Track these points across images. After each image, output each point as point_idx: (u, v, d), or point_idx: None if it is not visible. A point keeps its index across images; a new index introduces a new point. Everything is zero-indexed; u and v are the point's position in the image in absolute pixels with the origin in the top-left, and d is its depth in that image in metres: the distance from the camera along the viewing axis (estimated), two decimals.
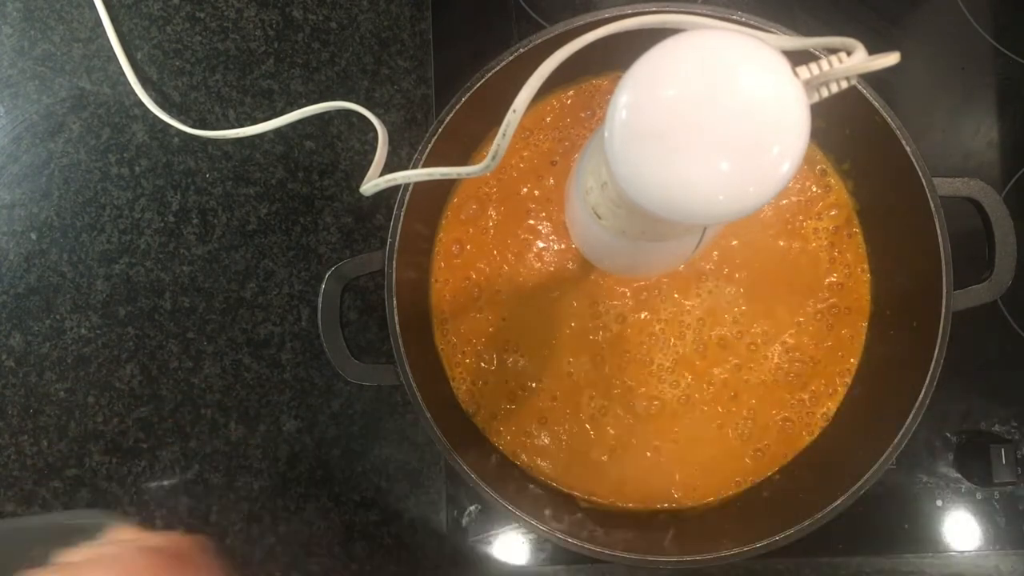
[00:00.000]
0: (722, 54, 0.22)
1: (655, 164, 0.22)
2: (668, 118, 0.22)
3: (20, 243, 0.59)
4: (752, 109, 0.22)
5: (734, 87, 0.22)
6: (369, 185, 0.38)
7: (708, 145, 0.22)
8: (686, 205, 0.22)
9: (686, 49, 0.23)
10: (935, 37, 0.60)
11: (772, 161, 0.22)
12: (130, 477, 0.57)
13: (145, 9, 0.61)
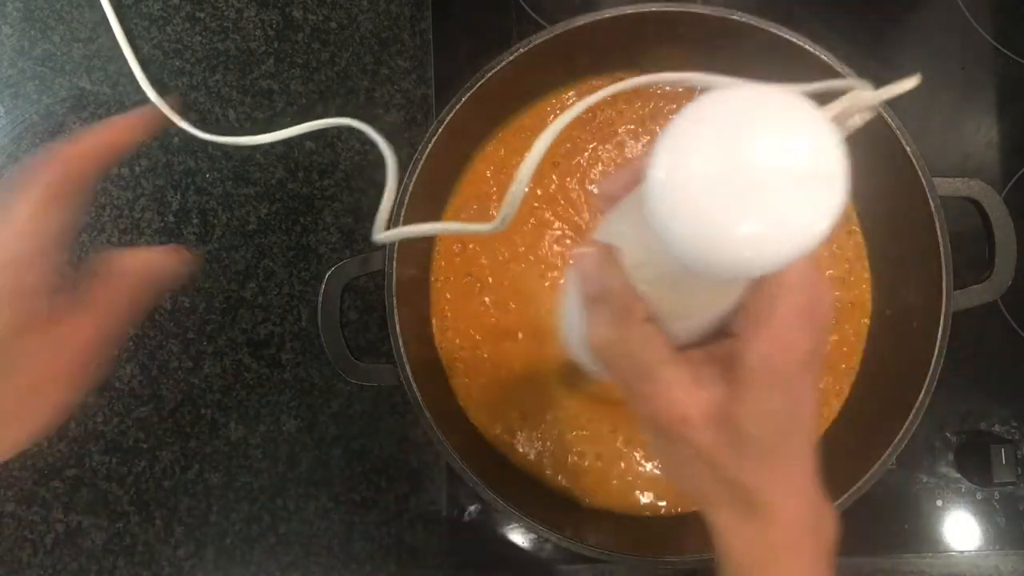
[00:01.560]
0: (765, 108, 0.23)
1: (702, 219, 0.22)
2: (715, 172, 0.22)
3: None
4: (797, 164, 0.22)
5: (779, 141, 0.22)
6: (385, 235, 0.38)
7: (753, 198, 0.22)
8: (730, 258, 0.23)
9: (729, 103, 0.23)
10: (935, 37, 0.60)
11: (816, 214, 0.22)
12: (130, 477, 0.57)
13: (145, 9, 0.61)
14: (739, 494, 0.29)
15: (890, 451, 0.46)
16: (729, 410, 0.27)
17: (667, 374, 0.28)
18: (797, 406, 0.28)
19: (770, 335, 0.26)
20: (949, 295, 0.46)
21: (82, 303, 0.33)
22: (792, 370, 0.27)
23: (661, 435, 0.30)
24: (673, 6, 0.48)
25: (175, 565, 0.57)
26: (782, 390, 0.27)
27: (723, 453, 0.28)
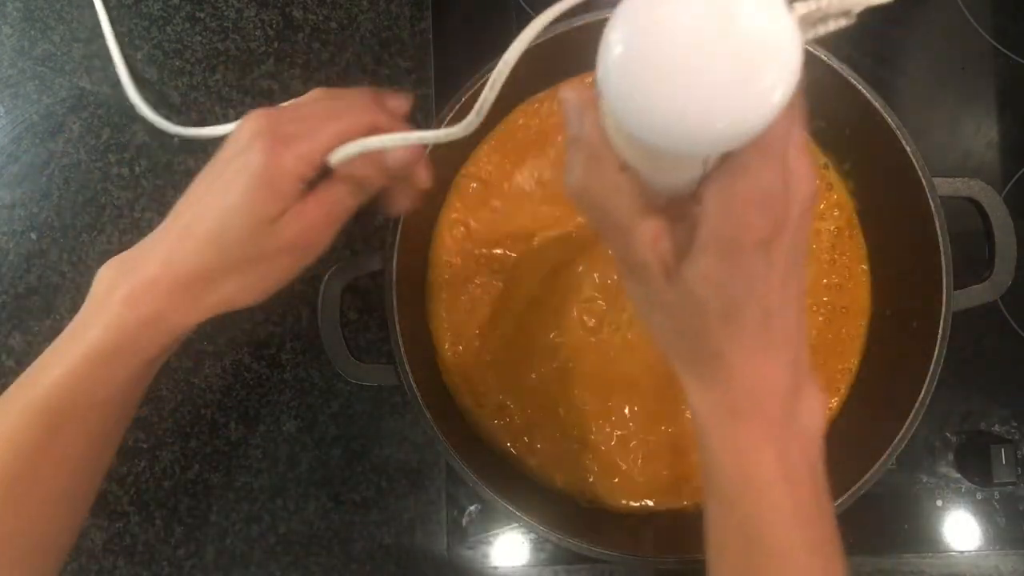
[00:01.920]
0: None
1: (651, 94, 0.23)
2: (662, 49, 0.23)
3: (20, 243, 0.59)
4: (745, 40, 0.22)
5: (727, 17, 0.22)
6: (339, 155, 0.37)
7: (702, 74, 0.22)
8: (681, 133, 0.23)
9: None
10: (935, 37, 0.60)
11: (764, 90, 0.23)
12: (130, 477, 0.57)
13: (145, 9, 0.61)
14: (697, 351, 0.30)
15: (890, 451, 0.46)
16: (682, 270, 0.28)
17: (631, 223, 0.29)
18: (752, 281, 0.28)
19: (724, 209, 0.27)
20: (949, 295, 0.46)
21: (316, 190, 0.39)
22: (745, 246, 0.27)
23: (626, 275, 0.31)
24: None
25: (175, 565, 0.57)
26: (731, 263, 0.28)
27: (681, 308, 0.29)
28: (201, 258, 0.37)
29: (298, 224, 0.38)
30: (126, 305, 0.37)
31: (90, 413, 0.38)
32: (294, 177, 0.37)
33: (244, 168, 0.37)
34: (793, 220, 0.28)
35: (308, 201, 0.38)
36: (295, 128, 0.37)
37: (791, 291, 0.29)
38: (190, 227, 0.38)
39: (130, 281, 0.38)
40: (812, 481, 0.31)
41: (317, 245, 0.40)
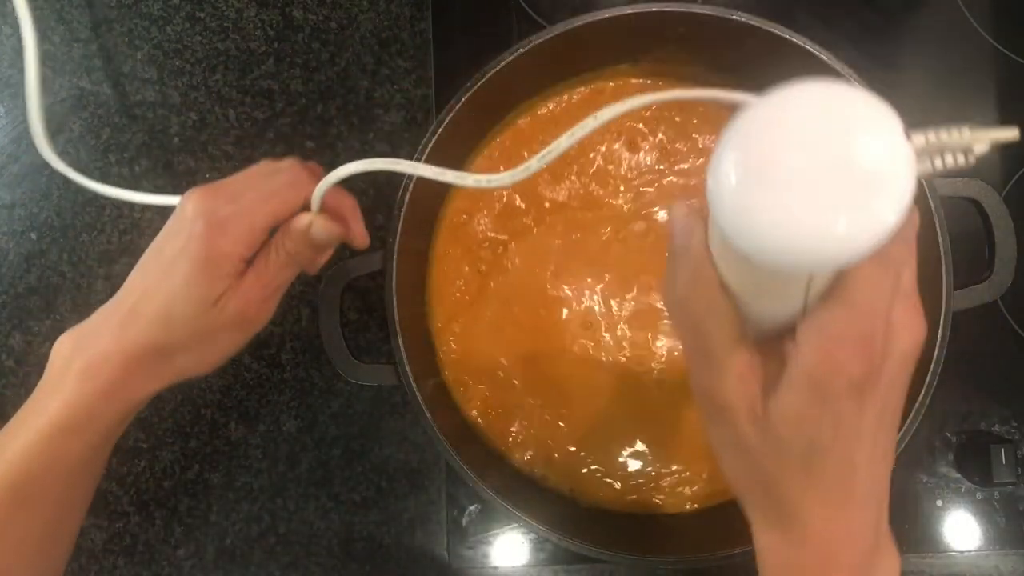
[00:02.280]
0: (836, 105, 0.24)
1: (763, 212, 0.23)
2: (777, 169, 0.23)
3: (20, 243, 0.59)
4: (860, 166, 0.23)
5: (844, 141, 0.23)
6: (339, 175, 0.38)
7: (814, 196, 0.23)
8: (788, 249, 0.23)
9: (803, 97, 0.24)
10: (935, 37, 0.60)
11: (874, 215, 0.23)
12: (130, 477, 0.57)
13: (145, 9, 0.61)
14: (773, 498, 0.29)
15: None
16: (769, 409, 0.27)
17: (723, 353, 0.28)
18: (838, 426, 0.27)
19: (820, 347, 0.26)
20: (949, 295, 0.46)
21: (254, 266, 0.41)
22: (837, 389, 0.26)
23: (708, 414, 0.30)
24: (673, 6, 0.48)
25: (175, 565, 0.57)
26: (821, 404, 0.26)
27: (761, 451, 0.28)
28: (150, 336, 0.39)
29: (240, 303, 0.40)
30: (82, 379, 0.39)
31: (53, 485, 0.39)
32: (233, 260, 0.39)
33: (184, 252, 0.38)
34: (890, 370, 0.27)
35: (247, 279, 0.40)
36: (231, 210, 0.39)
37: (880, 446, 0.28)
38: (138, 306, 0.39)
39: (85, 355, 0.39)
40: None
41: (260, 320, 0.42)
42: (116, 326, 0.39)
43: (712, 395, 0.29)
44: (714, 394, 0.28)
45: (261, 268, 0.41)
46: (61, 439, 0.39)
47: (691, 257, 0.28)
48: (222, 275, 0.39)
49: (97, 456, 0.41)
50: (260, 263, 0.41)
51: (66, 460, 0.39)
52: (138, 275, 0.41)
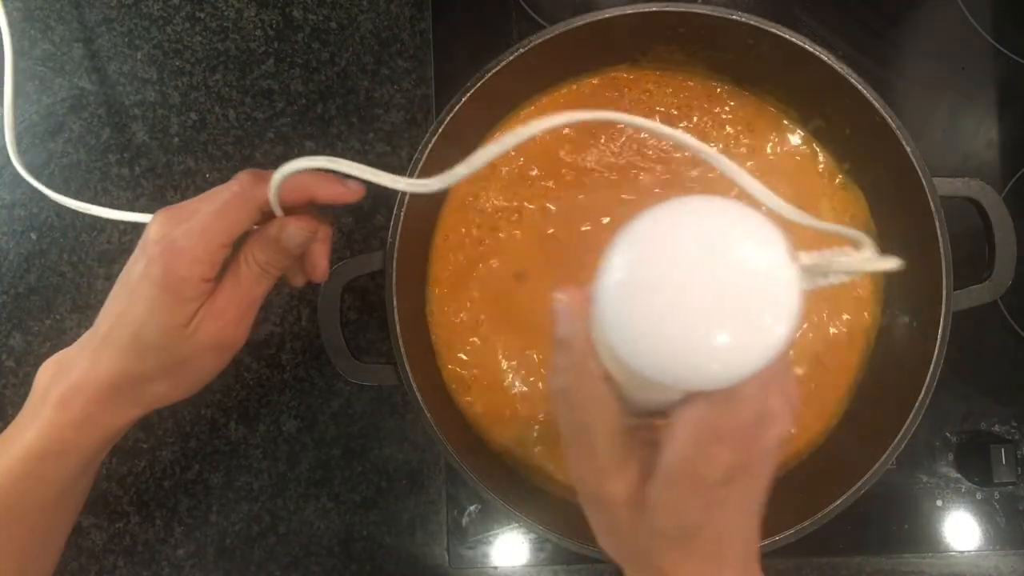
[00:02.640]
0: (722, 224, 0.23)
1: (644, 328, 0.23)
2: (661, 283, 0.22)
3: (20, 243, 0.59)
4: (746, 286, 0.22)
5: (730, 260, 0.22)
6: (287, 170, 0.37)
7: (699, 316, 0.22)
8: (671, 370, 0.23)
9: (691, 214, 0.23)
10: (935, 37, 0.60)
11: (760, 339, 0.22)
12: (130, 477, 0.57)
13: (145, 9, 0.61)
14: (652, 568, 0.30)
15: (890, 451, 0.46)
16: (645, 496, 0.28)
17: (603, 446, 0.28)
18: (710, 509, 0.28)
19: (694, 440, 0.27)
20: (949, 295, 0.46)
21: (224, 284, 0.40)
22: (709, 480, 0.27)
23: (586, 500, 0.30)
24: (673, 6, 0.48)
25: (175, 565, 0.57)
26: (694, 494, 0.28)
27: (638, 533, 0.29)
28: (124, 364, 0.39)
29: (213, 326, 0.39)
30: (59, 408, 0.38)
31: (30, 512, 0.39)
32: (194, 281, 0.38)
33: (145, 277, 0.38)
34: (760, 458, 0.28)
35: (219, 298, 0.39)
36: (184, 230, 0.38)
37: (748, 516, 0.30)
38: (110, 335, 0.39)
39: (62, 384, 0.39)
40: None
41: (237, 340, 0.41)
42: (90, 354, 0.39)
43: (593, 487, 0.29)
44: (595, 486, 0.29)
45: (232, 285, 0.40)
46: (37, 468, 0.38)
47: (574, 350, 0.28)
48: (185, 299, 0.38)
49: (75, 486, 0.41)
50: (230, 280, 0.40)
51: (42, 489, 0.39)
52: (110, 300, 0.40)
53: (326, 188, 0.40)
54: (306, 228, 0.40)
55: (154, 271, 0.37)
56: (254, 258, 0.40)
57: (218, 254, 0.38)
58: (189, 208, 0.39)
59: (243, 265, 0.40)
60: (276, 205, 0.39)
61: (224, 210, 0.38)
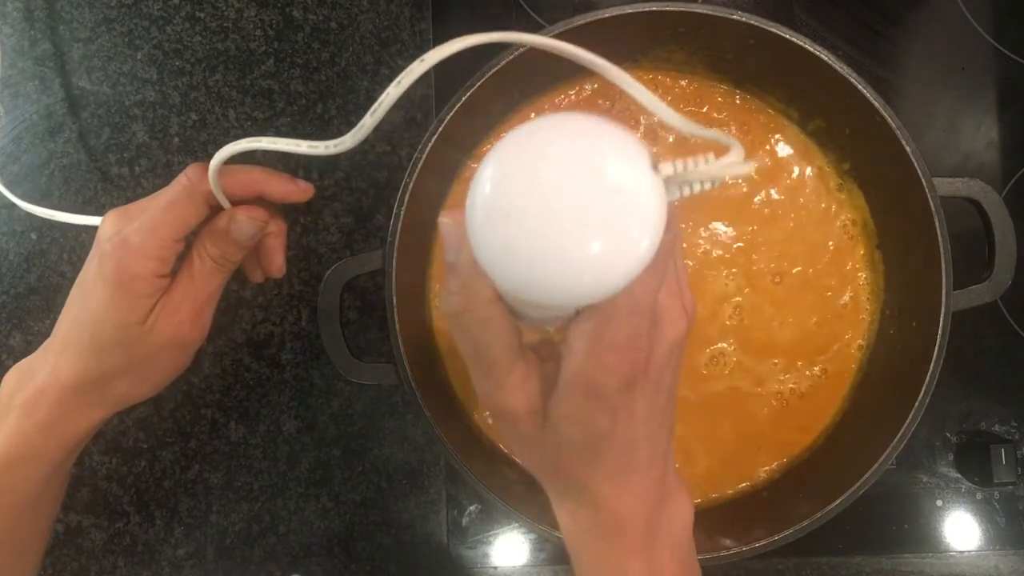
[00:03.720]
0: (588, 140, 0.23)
1: (512, 245, 0.23)
2: (527, 198, 0.22)
3: (20, 243, 0.59)
4: (610, 199, 0.22)
5: (593, 173, 0.22)
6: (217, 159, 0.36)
7: (565, 230, 0.22)
8: (542, 287, 0.23)
9: (552, 131, 0.23)
10: (935, 37, 0.60)
11: (628, 249, 0.23)
12: (130, 477, 0.57)
13: (145, 9, 0.61)
14: (565, 479, 0.31)
15: (890, 451, 0.46)
16: (548, 409, 0.29)
17: (501, 363, 0.29)
18: (615, 418, 0.28)
19: (589, 352, 0.27)
20: (949, 295, 0.46)
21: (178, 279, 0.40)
22: (609, 388, 0.28)
23: (494, 416, 0.31)
24: (673, 6, 0.48)
25: (175, 565, 0.57)
26: (596, 403, 0.28)
27: (547, 445, 0.30)
28: (83, 366, 0.38)
29: (169, 322, 0.39)
30: (23, 414, 0.38)
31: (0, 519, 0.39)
32: (148, 277, 0.38)
33: (99, 276, 0.37)
34: (658, 361, 0.28)
35: (174, 294, 0.39)
36: (134, 227, 0.38)
37: (656, 422, 0.30)
38: (67, 337, 0.39)
39: (25, 389, 0.39)
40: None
41: (196, 335, 0.41)
42: (52, 358, 0.39)
43: (495, 401, 0.30)
44: (497, 400, 0.30)
45: (187, 280, 0.39)
46: (4, 475, 0.38)
47: (462, 272, 0.28)
48: (139, 295, 0.38)
49: (44, 492, 0.40)
50: (184, 275, 0.40)
51: (11, 496, 0.39)
52: (68, 304, 0.40)
53: (275, 185, 0.40)
54: (255, 218, 0.39)
55: (107, 269, 0.37)
56: (207, 252, 0.39)
57: (170, 249, 0.38)
58: (140, 206, 0.39)
59: (196, 260, 0.40)
60: (220, 194, 0.38)
61: (173, 204, 0.38)
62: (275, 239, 0.42)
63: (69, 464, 0.42)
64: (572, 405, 0.28)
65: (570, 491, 0.32)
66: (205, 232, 0.40)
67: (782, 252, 0.53)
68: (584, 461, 0.30)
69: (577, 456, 0.30)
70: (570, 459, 0.30)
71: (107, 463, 0.58)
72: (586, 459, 0.30)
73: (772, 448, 0.52)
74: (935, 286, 0.47)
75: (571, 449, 0.30)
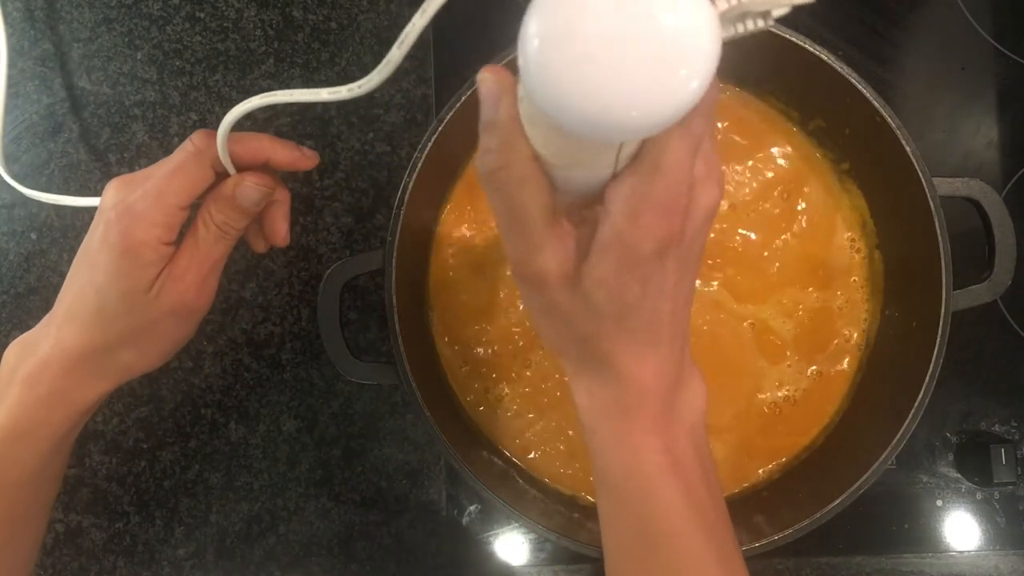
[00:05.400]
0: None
1: (569, 80, 0.23)
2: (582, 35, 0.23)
3: (20, 243, 0.59)
4: (664, 30, 0.23)
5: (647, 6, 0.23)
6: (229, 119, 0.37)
7: (620, 61, 0.23)
8: (596, 118, 0.23)
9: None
10: (935, 37, 0.60)
11: (679, 81, 0.23)
12: (130, 477, 0.57)
13: (145, 9, 0.61)
14: (588, 351, 0.31)
15: (890, 451, 0.46)
16: (581, 274, 0.29)
17: (536, 223, 0.28)
18: (647, 286, 0.28)
19: (627, 212, 0.27)
20: (949, 295, 0.46)
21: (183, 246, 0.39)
22: (644, 252, 0.27)
23: (524, 282, 0.31)
24: None
25: (175, 565, 0.57)
26: (630, 268, 0.28)
27: (575, 313, 0.30)
28: (88, 335, 0.38)
29: (174, 289, 0.39)
30: (25, 386, 0.38)
31: (2, 493, 0.39)
32: (152, 244, 0.37)
33: (104, 244, 0.37)
34: (693, 228, 0.28)
35: (179, 261, 0.39)
36: (139, 193, 0.37)
37: (682, 294, 0.30)
38: (72, 307, 0.39)
39: (28, 362, 0.39)
40: (700, 466, 0.32)
41: (201, 304, 0.41)
42: (55, 329, 0.39)
43: (527, 264, 0.29)
44: (529, 263, 0.29)
45: (191, 247, 0.39)
46: (7, 449, 0.38)
47: (501, 129, 0.28)
48: (145, 263, 0.37)
49: (47, 467, 0.40)
50: (189, 242, 0.39)
51: (14, 470, 0.39)
52: (71, 274, 0.40)
53: (281, 152, 0.40)
54: (261, 184, 0.39)
55: (112, 237, 0.37)
56: (211, 218, 0.39)
57: (175, 216, 0.38)
58: (144, 173, 0.39)
59: (201, 227, 0.39)
60: (226, 159, 0.38)
61: (178, 171, 0.38)
62: (280, 207, 0.42)
63: (72, 438, 0.41)
64: (605, 269, 0.28)
65: (591, 365, 0.31)
66: (210, 198, 0.39)
67: (782, 252, 0.53)
68: (610, 331, 0.30)
69: (604, 325, 0.30)
70: (596, 329, 0.30)
71: (107, 463, 0.58)
72: (612, 329, 0.30)
73: (771, 449, 0.52)
74: (935, 286, 0.47)
75: (598, 317, 0.29)
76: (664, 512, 0.31)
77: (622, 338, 0.30)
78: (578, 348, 0.31)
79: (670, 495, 0.31)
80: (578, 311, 0.30)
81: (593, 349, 0.31)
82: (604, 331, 0.30)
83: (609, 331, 0.30)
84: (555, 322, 0.31)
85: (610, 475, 0.32)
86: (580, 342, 0.31)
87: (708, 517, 0.31)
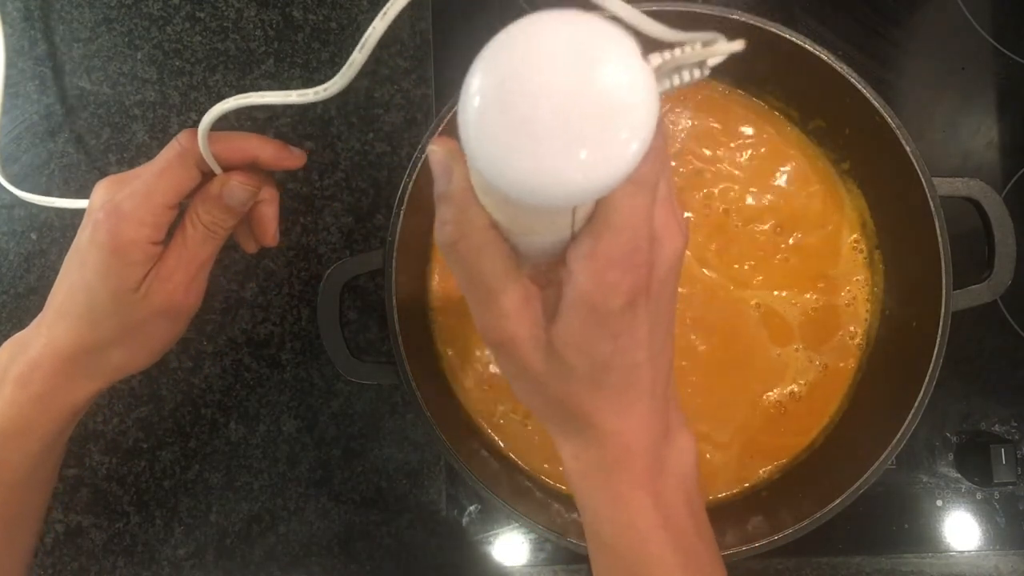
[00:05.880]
0: (574, 37, 0.23)
1: (508, 146, 0.23)
2: (519, 100, 0.23)
3: (20, 243, 0.59)
4: (602, 92, 0.22)
5: (584, 69, 0.22)
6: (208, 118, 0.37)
7: (558, 126, 0.22)
8: (537, 185, 0.23)
9: (538, 32, 0.23)
10: (935, 37, 0.60)
11: (621, 142, 0.23)
12: (130, 477, 0.57)
13: (145, 9, 0.61)
14: (568, 413, 0.30)
15: (890, 451, 0.46)
16: (551, 336, 0.28)
17: (500, 290, 0.28)
18: (618, 341, 0.28)
19: (591, 271, 0.27)
20: (949, 295, 0.46)
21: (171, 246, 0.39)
22: (612, 308, 0.27)
23: (494, 349, 0.30)
24: (672, 6, 0.48)
25: (175, 565, 0.57)
26: (599, 326, 0.28)
27: (550, 375, 0.29)
28: (78, 335, 0.38)
29: (163, 289, 0.39)
30: (18, 386, 0.38)
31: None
32: (141, 244, 0.38)
33: (93, 244, 0.37)
34: (659, 278, 0.28)
35: (167, 261, 0.39)
36: (127, 192, 0.38)
37: (658, 342, 0.29)
38: (62, 307, 0.39)
39: (19, 362, 0.39)
40: (690, 517, 0.32)
41: (189, 303, 0.41)
42: (46, 329, 0.39)
43: (495, 331, 0.29)
44: (497, 330, 0.29)
45: (180, 247, 0.39)
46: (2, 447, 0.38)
47: (455, 200, 0.27)
48: (133, 262, 0.38)
49: (39, 468, 0.40)
50: (177, 241, 0.39)
51: (5, 471, 0.39)
52: (61, 274, 0.40)
53: (268, 150, 0.40)
54: (247, 183, 0.39)
55: (100, 236, 0.37)
56: (199, 218, 0.39)
57: (163, 216, 0.38)
58: (133, 173, 0.39)
59: (189, 226, 0.40)
60: (210, 158, 0.38)
61: (165, 170, 0.38)
62: (268, 207, 0.42)
63: (64, 439, 0.42)
64: (574, 329, 0.28)
65: (572, 426, 0.31)
66: (197, 198, 0.39)
67: (781, 252, 0.53)
68: (588, 391, 0.29)
69: (579, 385, 0.29)
70: (574, 390, 0.29)
71: (107, 463, 0.58)
72: (589, 388, 0.29)
73: (774, 448, 0.52)
74: (935, 286, 0.47)
75: (573, 378, 0.29)
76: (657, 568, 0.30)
77: (600, 396, 0.30)
78: (558, 410, 0.31)
79: (660, 551, 0.30)
80: (553, 373, 0.29)
81: (573, 410, 0.30)
82: (581, 391, 0.30)
83: (586, 390, 0.29)
84: (531, 386, 0.31)
85: (602, 532, 0.32)
86: (558, 404, 0.30)
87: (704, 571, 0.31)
